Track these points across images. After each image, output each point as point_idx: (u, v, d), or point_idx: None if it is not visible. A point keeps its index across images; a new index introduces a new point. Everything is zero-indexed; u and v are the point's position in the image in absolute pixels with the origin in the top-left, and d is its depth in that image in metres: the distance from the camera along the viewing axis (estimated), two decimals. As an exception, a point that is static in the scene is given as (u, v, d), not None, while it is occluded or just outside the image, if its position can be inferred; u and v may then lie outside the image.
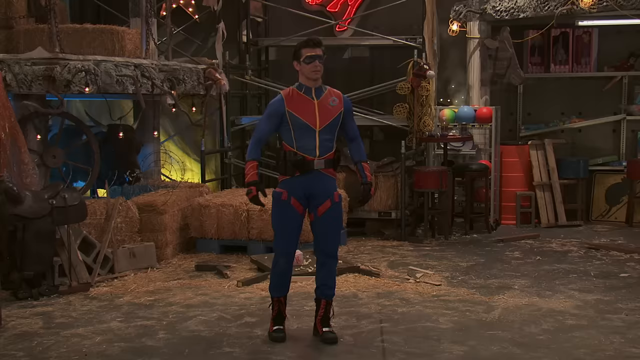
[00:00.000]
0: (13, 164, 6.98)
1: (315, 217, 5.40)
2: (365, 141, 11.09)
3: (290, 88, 5.45)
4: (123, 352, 5.23)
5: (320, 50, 5.34)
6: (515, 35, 10.25)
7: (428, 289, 6.88)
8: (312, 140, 5.32)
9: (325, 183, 5.38)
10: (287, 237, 5.40)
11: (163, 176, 9.51)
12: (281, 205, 5.37)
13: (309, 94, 5.37)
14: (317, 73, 5.33)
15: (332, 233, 5.43)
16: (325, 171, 5.37)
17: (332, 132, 5.38)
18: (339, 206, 5.45)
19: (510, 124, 11.06)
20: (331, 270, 5.50)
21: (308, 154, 5.32)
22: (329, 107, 5.37)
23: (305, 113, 5.32)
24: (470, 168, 9.77)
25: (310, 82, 5.37)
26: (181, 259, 8.20)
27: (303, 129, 5.31)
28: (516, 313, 6.09)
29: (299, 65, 5.37)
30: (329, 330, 5.49)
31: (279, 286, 5.53)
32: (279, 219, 5.39)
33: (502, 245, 8.98)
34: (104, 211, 7.51)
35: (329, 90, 5.46)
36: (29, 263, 6.53)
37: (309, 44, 5.34)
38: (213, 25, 10.18)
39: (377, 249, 8.78)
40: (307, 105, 5.34)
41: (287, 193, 5.35)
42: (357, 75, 10.95)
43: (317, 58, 5.31)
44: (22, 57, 7.48)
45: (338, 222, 5.47)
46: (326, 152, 5.36)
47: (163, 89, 8.44)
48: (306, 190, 5.35)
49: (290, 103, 5.34)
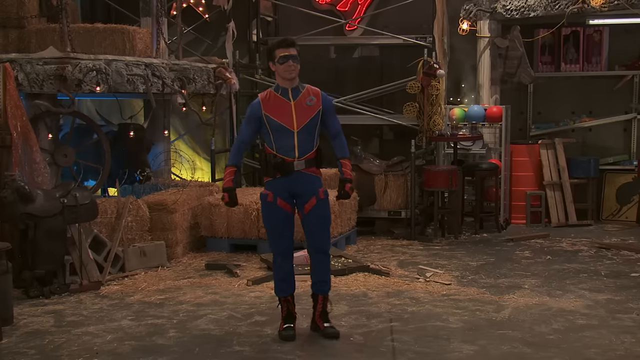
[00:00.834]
0: (25, 162, 7.02)
1: (303, 215, 5.47)
2: (374, 140, 11.14)
3: (268, 90, 5.51)
4: (134, 351, 5.25)
5: (295, 50, 5.37)
6: (525, 34, 10.21)
7: (438, 288, 6.87)
8: (290, 142, 5.36)
9: (308, 182, 5.44)
10: (279, 236, 5.46)
11: (173, 175, 9.53)
12: (269, 207, 5.45)
13: (285, 96, 5.41)
14: (291, 73, 5.36)
15: (320, 229, 5.49)
16: (306, 171, 5.42)
17: (311, 132, 5.41)
18: (325, 202, 5.48)
19: (521, 123, 11.03)
20: (326, 266, 5.56)
21: (287, 156, 5.38)
22: (305, 106, 5.40)
23: (281, 115, 5.36)
24: (480, 167, 9.76)
25: (286, 83, 5.41)
26: (191, 257, 8.22)
27: (280, 131, 5.36)
28: (526, 312, 6.07)
29: (274, 66, 5.42)
30: (329, 326, 5.54)
31: (283, 286, 5.55)
32: (269, 220, 5.48)
33: (512, 244, 8.96)
34: (115, 210, 7.54)
35: (307, 89, 5.47)
36: (41, 261, 6.57)
37: (282, 44, 5.38)
38: (223, 24, 10.19)
39: (387, 248, 8.78)
40: (283, 107, 5.38)
41: (272, 194, 5.42)
42: (367, 75, 10.96)
43: (291, 58, 5.34)
44: (33, 57, 7.52)
45: (325, 219, 5.52)
46: (306, 153, 5.40)
47: (173, 88, 8.47)
48: (290, 190, 5.42)
49: (267, 106, 5.39)
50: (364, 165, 9.61)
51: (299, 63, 5.38)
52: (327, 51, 11.39)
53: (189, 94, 8.87)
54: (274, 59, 5.40)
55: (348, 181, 5.57)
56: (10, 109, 6.99)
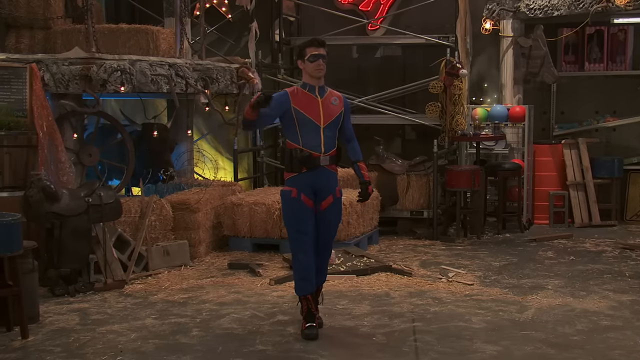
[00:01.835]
0: (50, 162, 7.09)
1: (318, 211, 5.57)
2: (397, 140, 11.14)
3: (294, 87, 5.63)
4: (157, 349, 5.28)
5: (324, 50, 5.52)
6: (549, 34, 10.15)
7: (460, 288, 6.86)
8: (317, 137, 5.49)
9: (329, 179, 5.57)
10: (304, 233, 5.50)
11: (196, 175, 9.57)
12: (293, 203, 5.50)
13: (312, 92, 5.55)
14: (320, 71, 5.51)
15: (331, 226, 5.68)
16: (329, 167, 5.57)
17: (334, 129, 5.57)
18: (339, 201, 5.68)
19: (544, 123, 10.96)
20: (326, 258, 5.75)
21: (314, 150, 5.49)
22: (331, 105, 5.57)
23: (310, 110, 5.49)
24: (503, 167, 9.72)
25: (313, 81, 5.54)
26: (214, 257, 8.25)
27: (308, 125, 5.48)
28: (550, 313, 6.04)
29: (303, 64, 5.55)
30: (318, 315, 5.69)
31: (304, 284, 5.58)
32: (293, 216, 5.52)
33: (535, 244, 8.91)
34: (139, 209, 7.59)
35: (330, 91, 5.65)
36: (66, 260, 6.63)
37: (313, 43, 5.52)
38: (246, 24, 10.23)
39: (409, 248, 8.77)
40: (311, 102, 5.52)
41: (296, 190, 5.49)
42: (389, 74, 10.95)
43: (321, 57, 5.49)
44: (59, 57, 7.59)
45: (338, 216, 5.72)
46: (330, 149, 5.54)
47: (197, 88, 8.51)
48: (313, 185, 5.51)
49: (295, 100, 5.50)
50: (386, 165, 9.60)
51: (326, 63, 5.52)
52: (350, 51, 11.39)
53: (212, 93, 8.90)
54: (303, 57, 5.52)
55: (369, 183, 5.75)
56: (37, 109, 7.07)
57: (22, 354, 5.21)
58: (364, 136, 10.75)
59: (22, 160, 7.03)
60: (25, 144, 7.05)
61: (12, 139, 6.99)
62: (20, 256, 5.60)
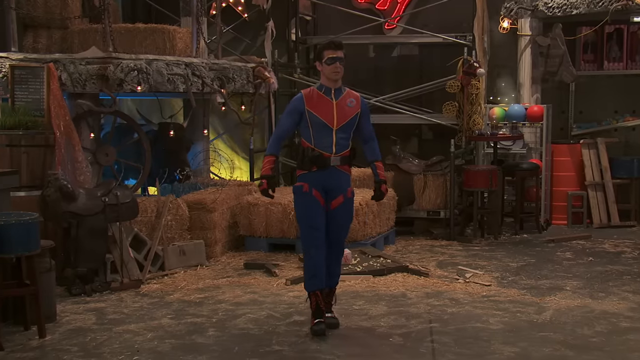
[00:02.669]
0: (67, 161, 7.10)
1: (329, 210, 5.64)
2: (413, 140, 11.10)
3: (311, 88, 5.72)
4: (174, 349, 5.28)
5: (342, 53, 5.58)
6: (567, 32, 10.07)
7: (478, 289, 6.82)
8: (329, 138, 5.57)
9: (340, 179, 5.64)
10: (315, 227, 5.57)
11: (212, 174, 9.58)
12: (304, 197, 5.60)
13: (328, 95, 5.61)
14: (337, 74, 5.58)
15: (342, 226, 5.73)
16: (340, 167, 5.63)
17: (348, 131, 5.64)
18: (351, 201, 5.73)
19: (562, 123, 10.88)
20: (338, 259, 5.81)
21: (325, 151, 5.58)
22: (346, 107, 5.62)
23: (323, 112, 5.57)
24: (521, 167, 9.67)
25: (330, 83, 5.62)
26: (230, 257, 8.25)
27: (321, 127, 5.57)
28: (568, 314, 6.00)
29: (320, 66, 5.62)
30: (331, 316, 5.71)
31: (314, 279, 5.61)
32: (305, 210, 5.62)
33: (553, 245, 8.85)
34: (155, 209, 7.60)
35: (347, 91, 5.70)
36: (83, 259, 6.65)
37: (330, 46, 5.59)
38: (262, 23, 10.23)
39: (426, 248, 8.73)
40: (325, 105, 5.59)
41: (308, 185, 5.59)
42: (406, 74, 10.92)
43: (338, 60, 5.55)
44: (76, 57, 7.61)
45: (349, 216, 5.77)
46: (342, 150, 5.61)
47: (213, 87, 8.51)
48: (323, 184, 5.60)
49: (310, 102, 5.59)
50: (403, 165, 9.57)
51: (344, 65, 5.58)
52: (366, 50, 11.38)
53: (228, 93, 8.90)
54: (321, 59, 5.59)
55: (383, 182, 5.80)
56: (54, 109, 7.09)
57: (39, 353, 5.23)
58: (381, 136, 10.73)
59: (40, 159, 7.07)
60: (42, 144, 7.09)
61: (29, 139, 7.03)
62: (37, 255, 5.63)
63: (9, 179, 6.13)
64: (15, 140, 6.95)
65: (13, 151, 6.94)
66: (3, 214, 5.54)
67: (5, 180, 6.07)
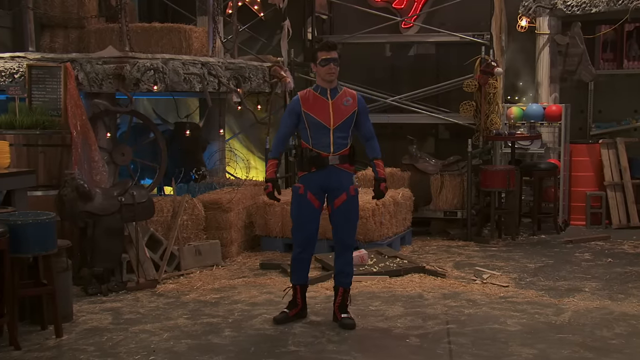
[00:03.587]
0: (84, 161, 7.12)
1: (332, 210, 5.74)
2: (430, 139, 11.05)
3: (307, 89, 5.83)
4: (190, 349, 5.27)
5: (336, 54, 5.66)
6: (586, 31, 10.00)
7: (495, 290, 6.77)
8: (326, 138, 5.66)
9: (340, 177, 5.70)
10: (302, 227, 5.75)
11: (228, 174, 9.57)
12: (298, 199, 5.74)
13: (324, 95, 5.70)
14: (331, 75, 5.66)
15: (347, 224, 5.75)
16: (340, 166, 5.70)
17: (345, 130, 5.70)
18: (354, 199, 5.75)
19: (581, 122, 10.79)
20: (348, 259, 5.82)
21: (323, 151, 5.67)
22: (342, 106, 5.69)
23: (319, 112, 5.66)
24: (539, 167, 9.61)
25: (325, 84, 5.70)
26: (246, 257, 8.23)
27: (318, 127, 5.66)
28: (587, 316, 5.95)
29: (315, 68, 5.72)
30: (347, 317, 5.75)
31: (296, 274, 5.85)
32: (296, 210, 5.78)
33: (571, 246, 8.78)
34: (171, 209, 7.60)
35: (344, 90, 5.78)
36: (99, 259, 6.65)
37: (324, 48, 5.68)
38: (278, 22, 10.21)
39: (443, 249, 8.68)
40: (321, 105, 5.67)
41: (304, 187, 5.71)
42: (423, 73, 10.88)
43: (332, 61, 5.62)
44: (93, 56, 7.63)
45: (353, 214, 5.79)
46: (340, 149, 5.68)
47: (229, 87, 8.50)
48: (323, 184, 5.69)
49: (306, 104, 5.69)
50: (419, 165, 9.53)
51: (338, 66, 5.67)
52: (383, 49, 11.35)
53: (245, 92, 8.89)
54: (315, 61, 5.70)
55: (383, 180, 5.82)
56: (71, 108, 7.11)
57: (56, 353, 5.24)
58: (397, 135, 10.73)
59: (56, 159, 7.09)
60: (59, 143, 7.12)
61: (46, 138, 7.05)
62: (54, 255, 5.63)
63: (26, 179, 6.16)
64: (32, 140, 6.98)
65: (30, 151, 6.97)
66: (20, 214, 5.55)
67: (22, 180, 6.11)
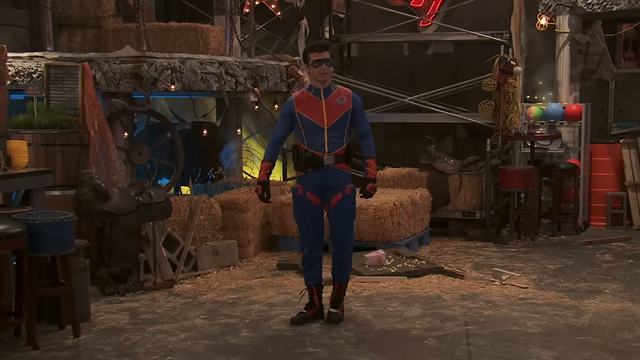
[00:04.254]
0: (101, 161, 7.13)
1: (329, 209, 5.78)
2: (448, 139, 10.99)
3: (302, 90, 5.88)
4: (207, 350, 5.25)
5: (328, 54, 5.67)
6: (607, 29, 9.92)
7: (514, 291, 6.71)
8: (320, 138, 5.69)
9: (336, 177, 5.72)
10: (307, 227, 5.80)
11: (245, 174, 9.56)
12: (298, 199, 5.80)
13: (317, 95, 5.73)
14: (324, 76, 5.67)
15: (343, 223, 5.79)
16: (336, 166, 5.72)
17: (340, 129, 5.71)
18: (350, 198, 5.78)
19: (601, 122, 10.70)
20: (344, 257, 5.86)
21: (317, 151, 5.70)
22: (336, 105, 5.70)
23: (313, 113, 5.69)
24: (559, 167, 9.53)
25: (318, 84, 5.73)
26: (263, 257, 8.21)
27: (312, 127, 5.70)
28: (608, 318, 5.88)
29: (308, 68, 5.74)
30: (335, 312, 5.84)
31: (309, 274, 5.88)
32: (298, 211, 5.85)
33: (591, 247, 8.69)
34: (188, 208, 7.59)
35: (338, 89, 5.80)
36: (116, 259, 6.65)
37: (315, 48, 5.68)
38: (295, 21, 10.19)
39: (461, 249, 8.63)
40: (314, 105, 5.70)
41: (302, 188, 5.76)
42: (441, 72, 10.83)
43: (324, 61, 5.64)
44: (110, 56, 7.63)
45: (349, 213, 5.83)
46: (335, 148, 5.71)
47: (246, 86, 8.48)
48: (319, 184, 5.73)
49: (300, 105, 5.73)
50: (437, 165, 9.48)
51: (331, 66, 5.69)
52: (401, 48, 11.31)
53: (262, 92, 8.87)
54: (307, 62, 5.70)
55: (370, 180, 5.81)
56: (88, 108, 7.12)
57: (74, 352, 5.24)
58: (415, 135, 10.68)
59: (74, 159, 7.11)
60: (77, 143, 7.14)
61: (64, 138, 7.08)
62: (72, 255, 5.63)
63: (44, 178, 6.17)
64: (50, 140, 7.00)
65: (48, 150, 7.00)
66: (38, 213, 5.56)
67: (40, 179, 6.11)
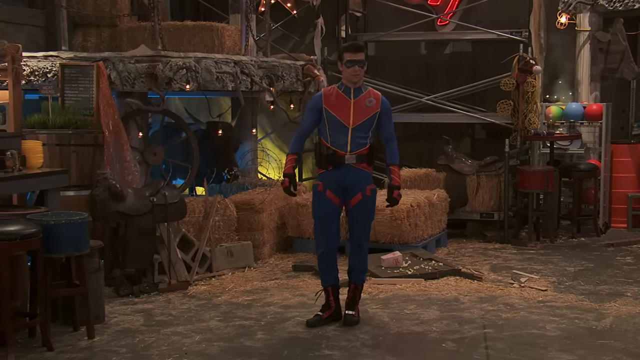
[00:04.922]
0: (116, 161, 7.10)
1: (348, 209, 5.76)
2: (466, 139, 10.93)
3: (332, 86, 5.86)
4: (222, 352, 5.21)
5: (362, 55, 5.66)
6: (629, 27, 9.84)
7: (533, 294, 6.64)
8: (344, 137, 5.66)
9: (357, 177, 5.70)
10: (325, 226, 5.75)
11: (260, 174, 9.50)
12: (318, 196, 5.76)
13: (347, 94, 5.71)
14: (356, 77, 5.67)
15: (361, 224, 5.78)
16: (357, 165, 5.69)
17: (365, 130, 5.69)
18: (370, 199, 5.76)
19: (622, 122, 10.57)
20: (361, 257, 5.85)
21: (340, 149, 5.67)
22: (364, 107, 5.69)
23: (340, 111, 5.67)
24: (578, 168, 9.43)
25: (350, 84, 5.73)
26: (278, 258, 8.16)
27: (337, 125, 5.68)
28: (629, 322, 5.81)
29: (341, 67, 5.73)
30: (351, 314, 5.79)
31: (325, 274, 5.85)
32: (317, 208, 5.79)
33: (612, 249, 8.59)
34: (203, 209, 7.54)
35: (369, 91, 5.78)
36: (131, 260, 6.62)
37: (350, 49, 5.70)
38: (311, 20, 10.15)
39: (479, 251, 8.54)
40: (343, 103, 5.69)
41: (322, 185, 5.74)
42: (459, 71, 10.79)
43: (358, 63, 5.64)
44: (125, 55, 7.60)
45: (368, 214, 5.80)
46: (358, 148, 5.67)
47: (262, 85, 8.43)
48: (340, 182, 5.70)
49: (328, 101, 5.71)
50: (455, 165, 9.40)
51: (364, 67, 5.68)
52: (418, 47, 11.27)
53: (277, 91, 8.82)
54: (342, 60, 5.71)
55: (396, 188, 5.80)
56: (103, 108, 7.09)
57: (88, 354, 5.22)
58: (433, 135, 10.60)
59: (89, 159, 7.08)
60: (91, 143, 7.12)
61: (79, 138, 7.05)
62: (87, 255, 5.60)
63: (58, 178, 6.16)
64: (64, 140, 6.98)
65: (63, 150, 6.98)
66: (53, 214, 5.53)
67: (55, 180, 6.10)
